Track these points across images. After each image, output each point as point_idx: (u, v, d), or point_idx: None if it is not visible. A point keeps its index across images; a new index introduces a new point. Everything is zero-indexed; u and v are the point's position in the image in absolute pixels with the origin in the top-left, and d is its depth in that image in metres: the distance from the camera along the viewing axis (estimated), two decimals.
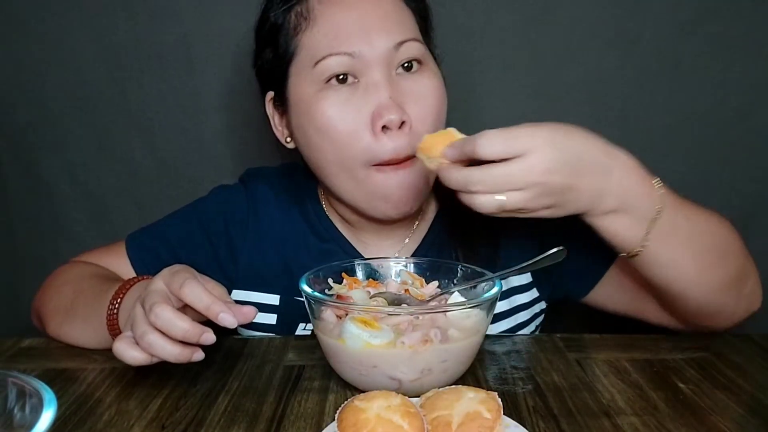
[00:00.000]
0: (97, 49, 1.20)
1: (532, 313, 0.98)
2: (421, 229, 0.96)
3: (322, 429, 0.64)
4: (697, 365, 0.79)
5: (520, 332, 0.98)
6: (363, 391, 0.65)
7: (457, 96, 1.13)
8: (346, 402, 0.59)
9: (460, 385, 0.63)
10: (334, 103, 0.80)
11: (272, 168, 1.03)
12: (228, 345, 0.85)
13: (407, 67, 0.82)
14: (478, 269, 0.80)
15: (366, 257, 0.93)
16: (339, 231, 0.96)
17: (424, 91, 0.82)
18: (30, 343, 0.88)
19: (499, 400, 0.59)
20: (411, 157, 0.81)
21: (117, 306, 0.76)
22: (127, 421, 0.67)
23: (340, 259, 0.90)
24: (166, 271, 0.70)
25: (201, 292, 0.66)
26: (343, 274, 0.81)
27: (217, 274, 0.93)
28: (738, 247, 0.80)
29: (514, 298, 0.96)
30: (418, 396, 0.62)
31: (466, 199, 0.67)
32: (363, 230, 0.95)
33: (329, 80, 0.81)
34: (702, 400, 0.70)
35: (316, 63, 0.80)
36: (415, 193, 0.85)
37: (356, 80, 0.81)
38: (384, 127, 0.79)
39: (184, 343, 0.66)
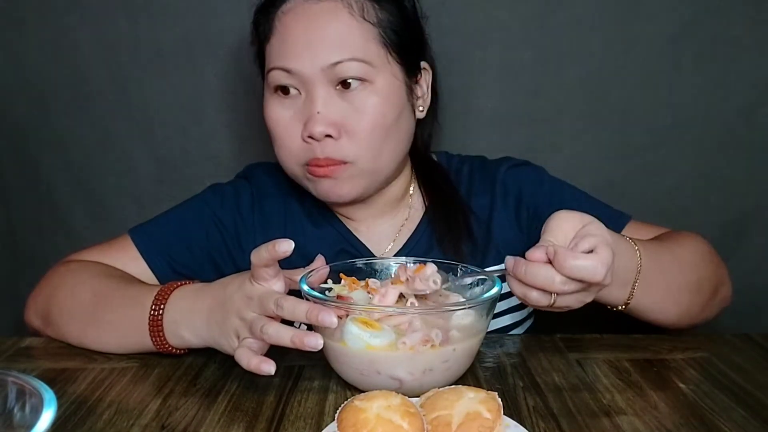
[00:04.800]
0: (97, 49, 1.20)
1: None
2: (413, 218, 0.99)
3: (322, 429, 0.64)
4: (698, 365, 0.79)
5: (515, 328, 0.99)
6: (363, 391, 0.65)
7: (457, 96, 1.13)
8: (346, 402, 0.59)
9: (460, 385, 0.63)
10: (277, 109, 0.89)
11: (273, 163, 1.04)
12: None
13: (347, 84, 0.86)
14: (479, 269, 0.80)
15: (361, 240, 0.97)
16: (337, 218, 0.99)
17: (359, 109, 0.86)
18: (30, 343, 0.88)
19: (499, 400, 0.59)
20: (337, 163, 0.87)
21: (161, 311, 0.77)
22: (127, 420, 0.67)
23: (337, 243, 0.95)
24: (243, 293, 0.72)
25: (295, 302, 0.69)
26: (341, 275, 0.80)
27: (230, 264, 0.96)
28: (713, 269, 0.87)
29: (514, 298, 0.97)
30: (419, 396, 0.62)
31: (520, 289, 0.69)
32: (354, 219, 0.98)
33: (276, 90, 0.88)
34: (702, 400, 0.71)
35: (267, 72, 0.89)
36: (356, 192, 0.90)
37: (299, 93, 0.87)
38: (310, 137, 0.86)
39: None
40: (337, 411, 0.58)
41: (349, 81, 0.85)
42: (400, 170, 0.96)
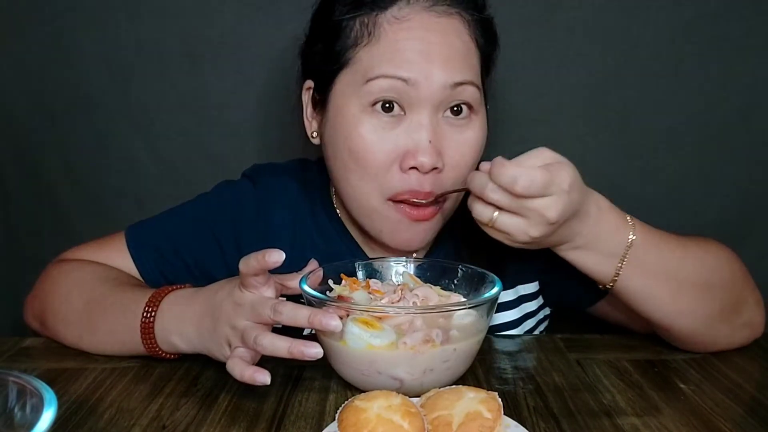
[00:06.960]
0: (97, 49, 1.19)
1: (537, 320, 0.98)
2: (430, 244, 0.94)
3: (323, 429, 0.64)
4: (698, 366, 0.79)
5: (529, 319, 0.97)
6: (363, 391, 0.65)
7: None
8: (346, 402, 0.60)
9: (460, 385, 0.63)
10: (373, 130, 0.78)
11: (282, 164, 1.01)
12: None
13: (456, 110, 0.79)
14: (479, 269, 0.80)
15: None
16: (349, 234, 0.94)
17: (466, 142, 0.80)
18: (31, 343, 0.88)
19: (500, 400, 0.60)
20: (431, 204, 0.80)
21: (152, 318, 0.76)
22: (128, 420, 0.67)
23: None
24: (232, 299, 0.71)
25: (294, 307, 0.67)
26: (342, 275, 0.80)
27: (224, 272, 0.91)
28: (731, 278, 0.80)
29: (524, 306, 0.96)
30: (419, 396, 0.62)
31: (470, 201, 0.69)
32: (372, 239, 0.92)
33: (375, 104, 0.78)
34: (703, 400, 0.71)
35: (368, 81, 0.78)
36: (423, 241, 0.85)
37: (402, 113, 0.78)
38: (413, 167, 0.78)
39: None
40: (338, 411, 0.59)
41: (462, 107, 0.79)
42: None
